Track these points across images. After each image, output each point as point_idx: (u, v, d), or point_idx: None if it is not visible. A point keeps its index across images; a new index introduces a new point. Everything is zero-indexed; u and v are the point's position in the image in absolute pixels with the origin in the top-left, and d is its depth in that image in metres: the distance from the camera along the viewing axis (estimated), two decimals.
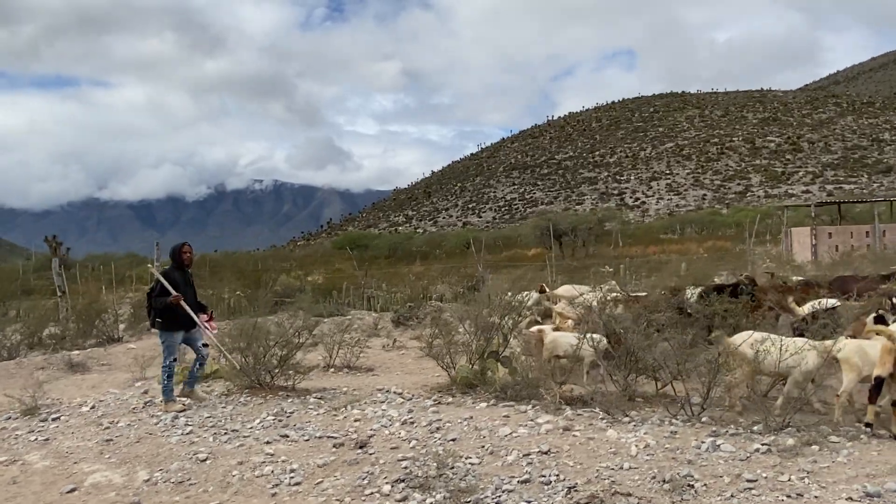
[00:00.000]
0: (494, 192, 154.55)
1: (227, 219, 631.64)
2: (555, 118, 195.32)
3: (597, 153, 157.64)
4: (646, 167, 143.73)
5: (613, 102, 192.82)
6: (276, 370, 7.97)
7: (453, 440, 5.61)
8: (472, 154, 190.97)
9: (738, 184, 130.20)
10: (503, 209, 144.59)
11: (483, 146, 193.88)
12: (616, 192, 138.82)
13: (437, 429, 5.90)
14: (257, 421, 6.48)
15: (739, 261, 21.66)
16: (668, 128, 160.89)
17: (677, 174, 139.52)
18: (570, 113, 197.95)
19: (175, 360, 7.39)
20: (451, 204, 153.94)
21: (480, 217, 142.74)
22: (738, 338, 6.35)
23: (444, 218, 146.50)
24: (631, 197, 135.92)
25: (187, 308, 7.36)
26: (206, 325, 7.61)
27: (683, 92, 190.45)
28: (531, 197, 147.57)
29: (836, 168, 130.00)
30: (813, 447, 4.96)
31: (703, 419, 5.87)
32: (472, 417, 6.17)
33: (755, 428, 5.47)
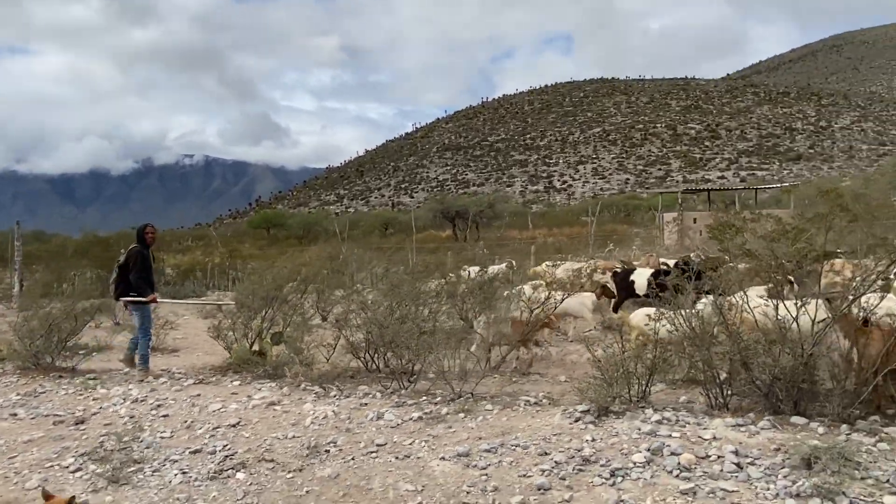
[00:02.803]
0: (427, 172, 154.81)
1: (152, 195, 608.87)
2: (489, 100, 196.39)
3: (528, 136, 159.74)
4: (574, 151, 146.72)
5: (546, 86, 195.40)
6: (56, 351, 8.23)
7: (165, 416, 6.09)
8: (406, 133, 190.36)
9: (660, 169, 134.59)
10: (435, 189, 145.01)
11: (418, 126, 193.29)
12: (545, 174, 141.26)
13: (159, 406, 6.37)
14: (1, 400, 6.78)
15: (584, 246, 22.92)
16: (597, 113, 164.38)
17: (603, 158, 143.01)
18: (503, 95, 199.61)
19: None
20: (384, 183, 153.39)
21: (412, 197, 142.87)
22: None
23: (376, 198, 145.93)
24: (559, 180, 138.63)
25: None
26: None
27: (613, 78, 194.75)
28: (463, 178, 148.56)
29: (750, 155, 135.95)
30: (460, 415, 5.69)
31: (412, 390, 6.50)
32: (199, 395, 6.66)
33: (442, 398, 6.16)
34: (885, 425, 5.07)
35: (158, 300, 8.81)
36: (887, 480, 4.02)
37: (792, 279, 8.14)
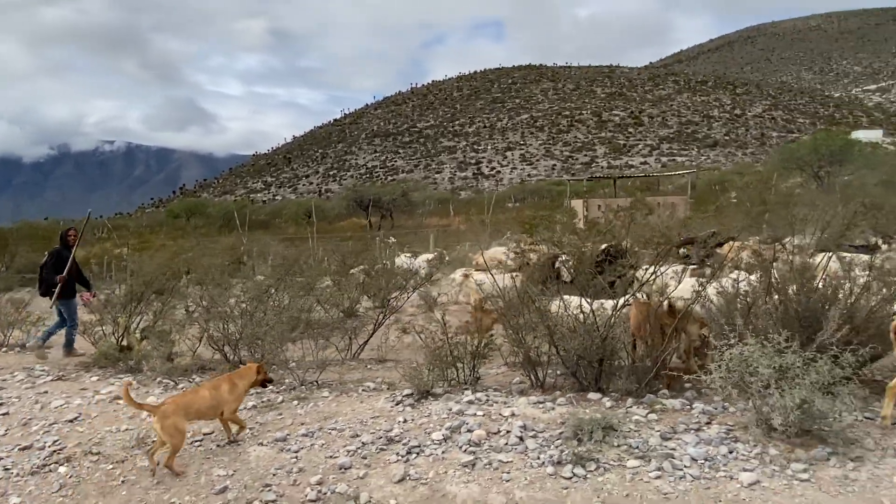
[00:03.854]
0: (356, 159, 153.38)
1: (69, 183, 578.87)
2: (418, 86, 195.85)
3: (457, 122, 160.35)
4: (502, 137, 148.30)
5: (475, 72, 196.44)
6: None
7: (5, 414, 6.15)
8: (335, 120, 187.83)
9: (585, 155, 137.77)
10: (364, 176, 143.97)
11: (346, 112, 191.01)
12: (473, 161, 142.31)
13: (1, 404, 6.40)
14: None
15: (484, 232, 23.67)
16: (525, 99, 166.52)
17: (531, 145, 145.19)
18: (433, 81, 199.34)
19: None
20: (312, 171, 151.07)
21: (341, 184, 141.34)
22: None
23: (304, 185, 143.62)
24: (487, 166, 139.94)
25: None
26: (85, 299, 9.29)
27: (541, 65, 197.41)
28: (392, 165, 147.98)
29: (671, 141, 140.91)
30: (294, 402, 6.01)
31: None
32: (47, 392, 6.73)
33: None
34: (673, 397, 5.70)
35: (85, 297, 9.44)
36: (637, 447, 4.60)
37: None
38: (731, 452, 4.44)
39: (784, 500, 3.89)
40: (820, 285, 5.77)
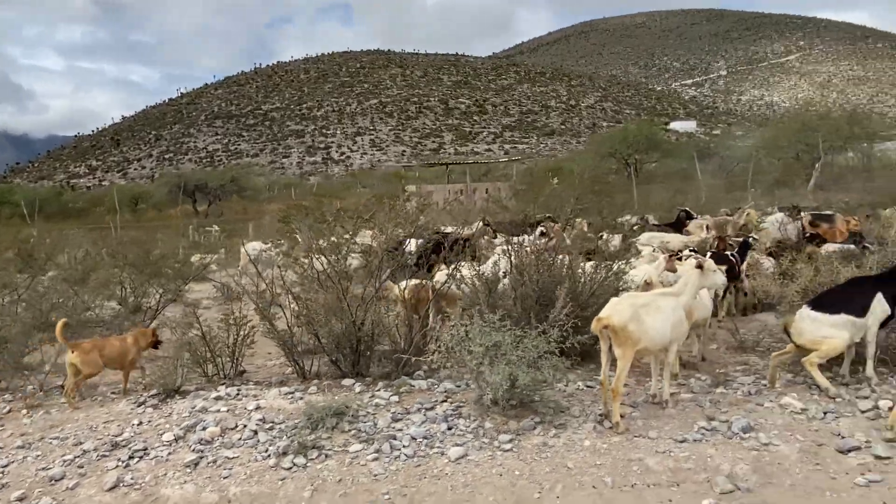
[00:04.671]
0: (195, 142, 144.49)
1: None
2: (262, 66, 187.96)
3: (304, 106, 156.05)
4: (351, 122, 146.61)
5: (323, 55, 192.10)
6: None
7: None
8: (170, 99, 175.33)
9: (433, 141, 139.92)
10: (205, 161, 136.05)
11: (183, 91, 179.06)
12: (322, 146, 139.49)
13: None
14: None
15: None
16: (373, 84, 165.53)
17: (380, 130, 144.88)
18: (278, 62, 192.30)
19: None
20: (145, 154, 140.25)
21: (178, 169, 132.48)
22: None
23: (135, 169, 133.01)
24: (337, 151, 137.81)
25: None
26: None
27: (389, 50, 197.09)
28: (236, 148, 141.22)
29: (513, 129, 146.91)
30: (24, 411, 5.49)
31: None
32: None
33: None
34: (428, 378, 5.88)
35: None
36: (365, 431, 4.70)
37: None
38: (450, 429, 4.66)
39: (483, 470, 4.15)
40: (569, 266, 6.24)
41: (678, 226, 13.97)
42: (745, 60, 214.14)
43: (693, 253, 8.10)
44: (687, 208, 15.85)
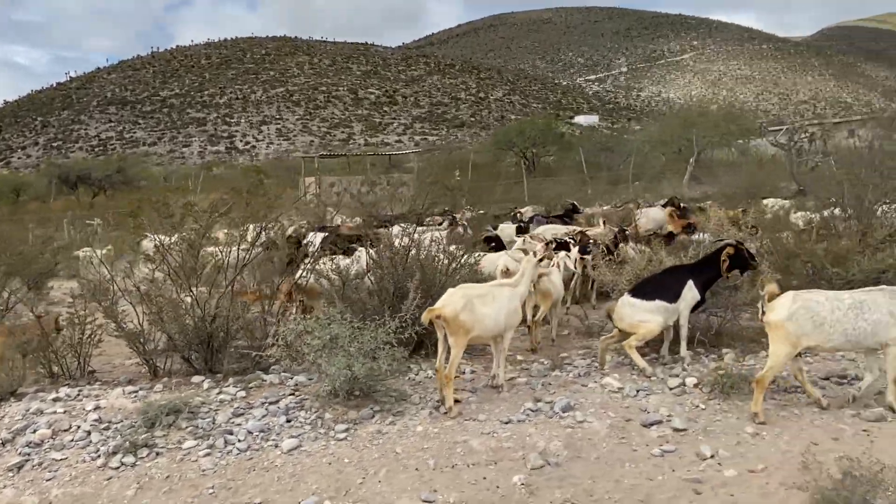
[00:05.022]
0: (86, 129, 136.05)
1: None
2: (160, 50, 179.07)
3: (206, 92, 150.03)
4: (256, 111, 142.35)
5: (225, 40, 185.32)
6: None
7: None
8: (58, 84, 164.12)
9: (343, 131, 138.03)
10: (97, 150, 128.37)
11: (73, 75, 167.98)
12: (226, 134, 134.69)
13: None
14: None
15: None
16: (280, 72, 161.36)
17: (287, 119, 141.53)
18: (177, 46, 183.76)
19: None
20: (30, 141, 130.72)
21: (68, 157, 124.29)
22: None
23: (19, 158, 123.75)
24: (241, 140, 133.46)
25: None
26: None
27: (296, 37, 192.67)
28: (131, 136, 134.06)
29: (423, 121, 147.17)
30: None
31: None
32: None
33: None
34: (283, 372, 5.93)
35: None
36: (202, 427, 4.72)
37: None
38: (289, 421, 4.76)
39: (314, 460, 4.28)
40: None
41: (567, 218, 14.59)
42: (644, 58, 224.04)
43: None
44: (574, 202, 16.55)
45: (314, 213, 18.05)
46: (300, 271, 6.67)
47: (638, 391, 5.11)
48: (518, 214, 16.26)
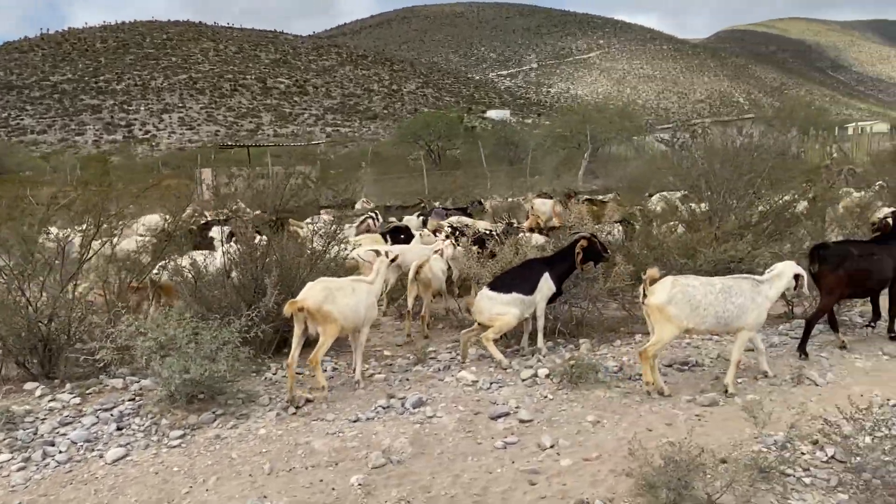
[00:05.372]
0: None
1: None
2: (50, 32, 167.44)
3: (101, 78, 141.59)
4: (157, 98, 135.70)
5: (123, 23, 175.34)
6: None
7: None
8: None
9: (251, 121, 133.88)
10: None
11: None
12: (124, 123, 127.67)
13: None
14: None
15: None
16: (182, 58, 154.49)
17: (191, 108, 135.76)
18: (69, 28, 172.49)
19: None
20: None
21: None
22: None
23: None
24: (140, 129, 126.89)
25: None
26: None
27: (200, 22, 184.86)
28: (18, 124, 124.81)
29: (335, 112, 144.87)
30: None
31: None
32: None
33: None
34: (132, 374, 5.56)
35: None
36: (22, 439, 4.34)
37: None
38: (120, 429, 4.46)
39: (140, 470, 4.01)
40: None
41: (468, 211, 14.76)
42: (554, 55, 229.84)
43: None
44: (481, 199, 16.76)
45: (204, 206, 17.35)
46: (153, 268, 6.29)
47: (491, 384, 5.12)
48: (425, 206, 16.31)
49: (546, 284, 5.61)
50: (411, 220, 12.98)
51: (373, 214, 13.36)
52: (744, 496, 3.65)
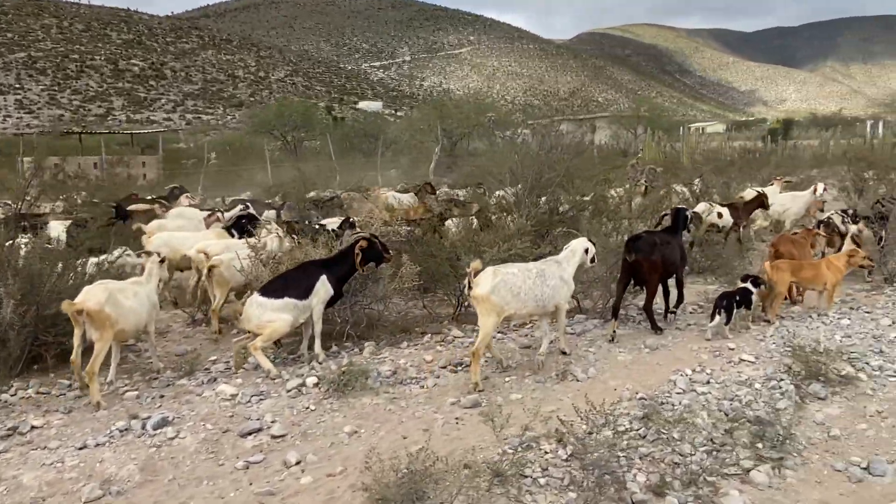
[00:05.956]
0: None
1: None
2: None
3: None
4: None
5: None
6: None
7: None
8: None
9: (100, 106, 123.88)
10: None
11: None
12: None
13: None
14: None
15: None
16: (20, 35, 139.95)
17: (30, 90, 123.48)
18: None
19: None
20: None
21: None
22: None
23: None
24: None
25: None
26: None
27: None
28: None
29: (196, 98, 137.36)
30: None
31: None
32: None
33: None
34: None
35: None
36: None
37: None
38: None
39: None
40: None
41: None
42: (426, 49, 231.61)
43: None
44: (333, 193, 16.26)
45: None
46: None
47: (252, 397, 4.81)
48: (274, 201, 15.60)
49: (323, 288, 5.37)
50: (270, 215, 12.35)
51: (244, 206, 12.80)
52: (477, 501, 3.61)
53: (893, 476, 3.88)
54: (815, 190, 10.48)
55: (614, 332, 5.97)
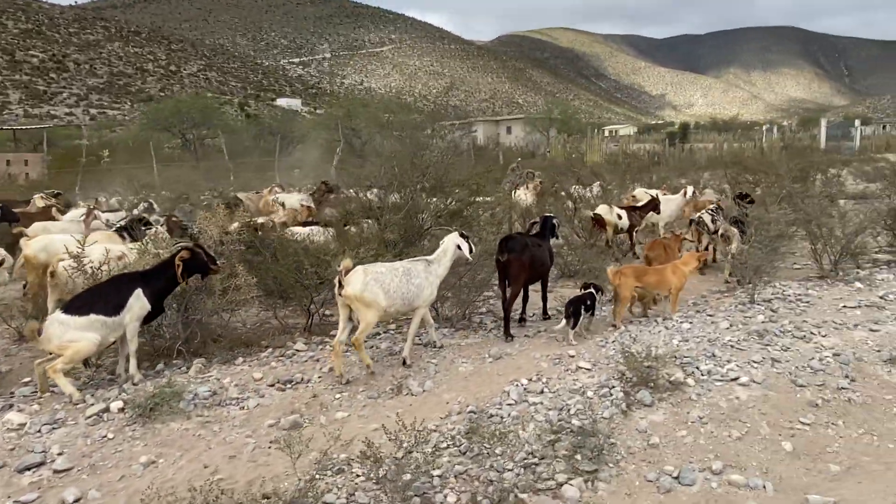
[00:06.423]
0: None
1: None
2: None
3: None
4: None
5: None
6: None
7: None
8: None
9: None
10: None
11: None
12: None
13: None
14: None
15: None
16: None
17: None
18: None
19: None
20: None
21: None
22: None
23: None
24: None
25: None
26: None
27: None
28: None
29: (101, 92, 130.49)
30: None
31: None
32: None
33: None
34: None
35: None
36: None
37: None
38: None
39: None
40: None
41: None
42: (347, 46, 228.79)
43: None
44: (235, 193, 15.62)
45: None
46: None
47: (44, 426, 4.35)
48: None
49: (138, 303, 4.95)
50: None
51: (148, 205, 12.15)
52: None
53: (701, 485, 3.89)
54: (685, 193, 10.83)
55: (511, 335, 6.05)
